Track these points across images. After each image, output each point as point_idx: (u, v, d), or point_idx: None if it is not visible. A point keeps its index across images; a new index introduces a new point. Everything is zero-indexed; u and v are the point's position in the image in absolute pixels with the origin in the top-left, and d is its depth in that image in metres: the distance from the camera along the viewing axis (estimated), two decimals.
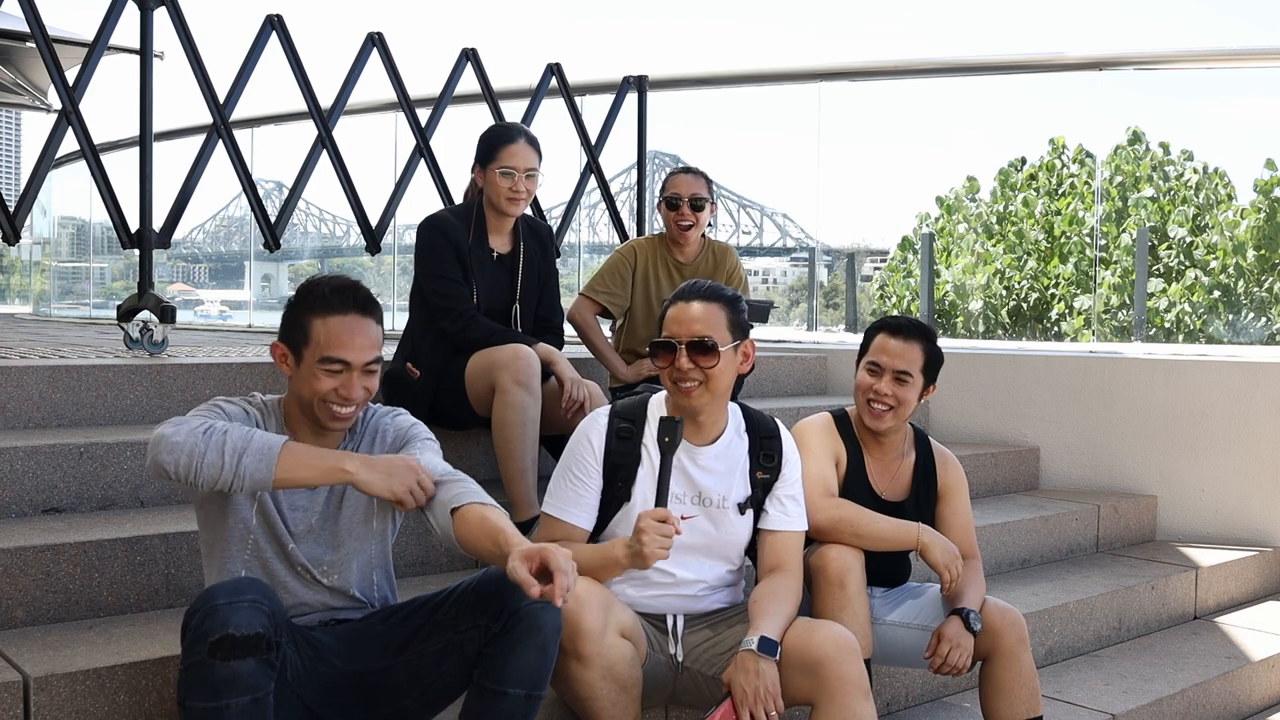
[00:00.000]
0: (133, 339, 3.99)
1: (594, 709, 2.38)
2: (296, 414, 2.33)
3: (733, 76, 6.55)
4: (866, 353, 2.96)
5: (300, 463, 2.14)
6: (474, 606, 2.21)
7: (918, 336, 2.92)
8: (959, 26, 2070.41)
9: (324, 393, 2.25)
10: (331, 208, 10.19)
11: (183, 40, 4.14)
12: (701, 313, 2.58)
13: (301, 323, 2.27)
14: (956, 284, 17.51)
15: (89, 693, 2.29)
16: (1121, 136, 17.91)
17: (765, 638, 2.43)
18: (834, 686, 2.40)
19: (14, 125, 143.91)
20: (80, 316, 10.89)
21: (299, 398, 2.30)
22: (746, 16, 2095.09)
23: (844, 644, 2.45)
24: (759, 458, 2.68)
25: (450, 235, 3.44)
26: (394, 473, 2.20)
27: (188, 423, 2.13)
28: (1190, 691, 3.58)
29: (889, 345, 2.91)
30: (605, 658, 2.35)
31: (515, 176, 3.42)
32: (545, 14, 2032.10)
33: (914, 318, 3.03)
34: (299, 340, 2.27)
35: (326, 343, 2.24)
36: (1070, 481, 5.05)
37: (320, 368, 2.24)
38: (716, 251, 4.08)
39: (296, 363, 2.28)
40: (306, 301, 2.28)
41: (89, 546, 2.67)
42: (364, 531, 2.36)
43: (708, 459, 2.64)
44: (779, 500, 2.68)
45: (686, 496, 2.62)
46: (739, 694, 2.39)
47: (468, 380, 3.34)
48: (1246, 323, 15.89)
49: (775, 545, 2.65)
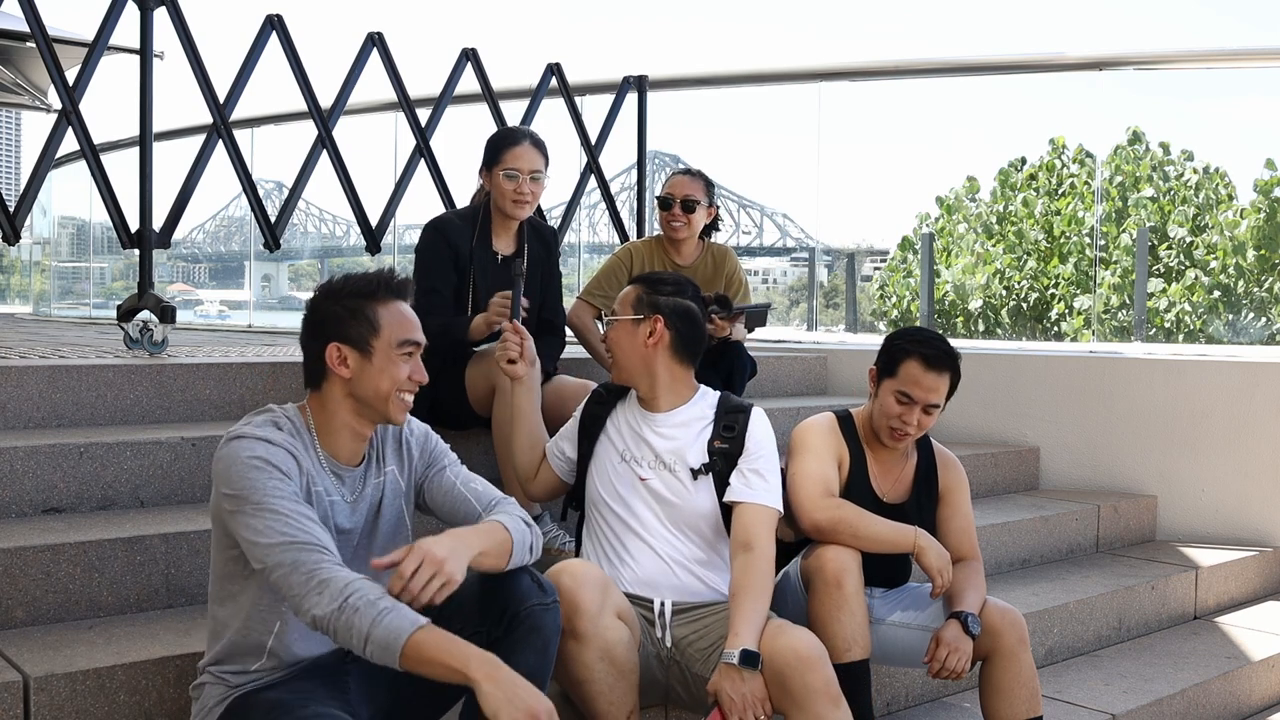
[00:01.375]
0: (133, 339, 3.99)
1: (591, 692, 2.39)
2: (334, 426, 2.22)
3: (733, 76, 6.55)
4: (894, 377, 2.86)
5: (424, 658, 1.96)
6: (474, 612, 2.20)
7: (949, 368, 2.85)
8: (959, 26, 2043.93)
9: (401, 380, 2.18)
10: (331, 208, 10.20)
11: (183, 40, 4.14)
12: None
13: (365, 315, 2.18)
14: (956, 284, 17.52)
15: (89, 693, 2.29)
16: (1121, 136, 17.92)
17: (746, 651, 2.44)
18: (800, 696, 2.41)
19: (14, 125, 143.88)
20: (80, 316, 10.89)
21: (357, 400, 2.19)
22: (746, 16, 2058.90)
23: (805, 652, 2.45)
24: (720, 428, 2.76)
25: (451, 238, 3.45)
26: (516, 702, 1.95)
27: (310, 580, 1.98)
28: (1190, 691, 3.58)
29: (924, 380, 2.83)
30: (603, 638, 2.37)
31: (519, 179, 3.42)
32: (545, 14, 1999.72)
33: (943, 341, 2.89)
34: (364, 332, 2.17)
35: (400, 326, 2.19)
36: (1070, 481, 5.05)
37: (398, 353, 2.18)
38: (715, 254, 4.07)
39: (364, 357, 2.17)
40: (365, 292, 2.19)
41: (89, 546, 2.67)
42: (393, 547, 2.31)
43: (665, 426, 2.77)
44: (742, 473, 2.72)
45: (642, 460, 2.75)
46: (726, 702, 2.42)
47: (468, 381, 3.35)
48: (1246, 323, 15.90)
49: (742, 519, 2.67)
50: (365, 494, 2.27)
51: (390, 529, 2.31)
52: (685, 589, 2.70)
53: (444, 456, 2.40)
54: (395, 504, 2.32)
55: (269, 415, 2.20)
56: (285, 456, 2.12)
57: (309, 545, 2.01)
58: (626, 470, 2.74)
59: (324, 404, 2.22)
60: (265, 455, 2.08)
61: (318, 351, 2.20)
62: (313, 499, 2.15)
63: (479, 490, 2.37)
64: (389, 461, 2.33)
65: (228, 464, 2.09)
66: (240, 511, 2.05)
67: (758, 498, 2.69)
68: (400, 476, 2.34)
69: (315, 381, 2.23)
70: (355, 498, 2.26)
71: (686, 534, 2.73)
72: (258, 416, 2.19)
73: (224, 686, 2.15)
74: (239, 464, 2.07)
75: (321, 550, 2.02)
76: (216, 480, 2.12)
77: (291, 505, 2.05)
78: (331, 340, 2.18)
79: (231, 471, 2.08)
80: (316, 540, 2.03)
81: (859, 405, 3.08)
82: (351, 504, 2.25)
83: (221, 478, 2.10)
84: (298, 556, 2.00)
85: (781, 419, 4.06)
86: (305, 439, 2.20)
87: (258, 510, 2.03)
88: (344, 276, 2.24)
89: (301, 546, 2.01)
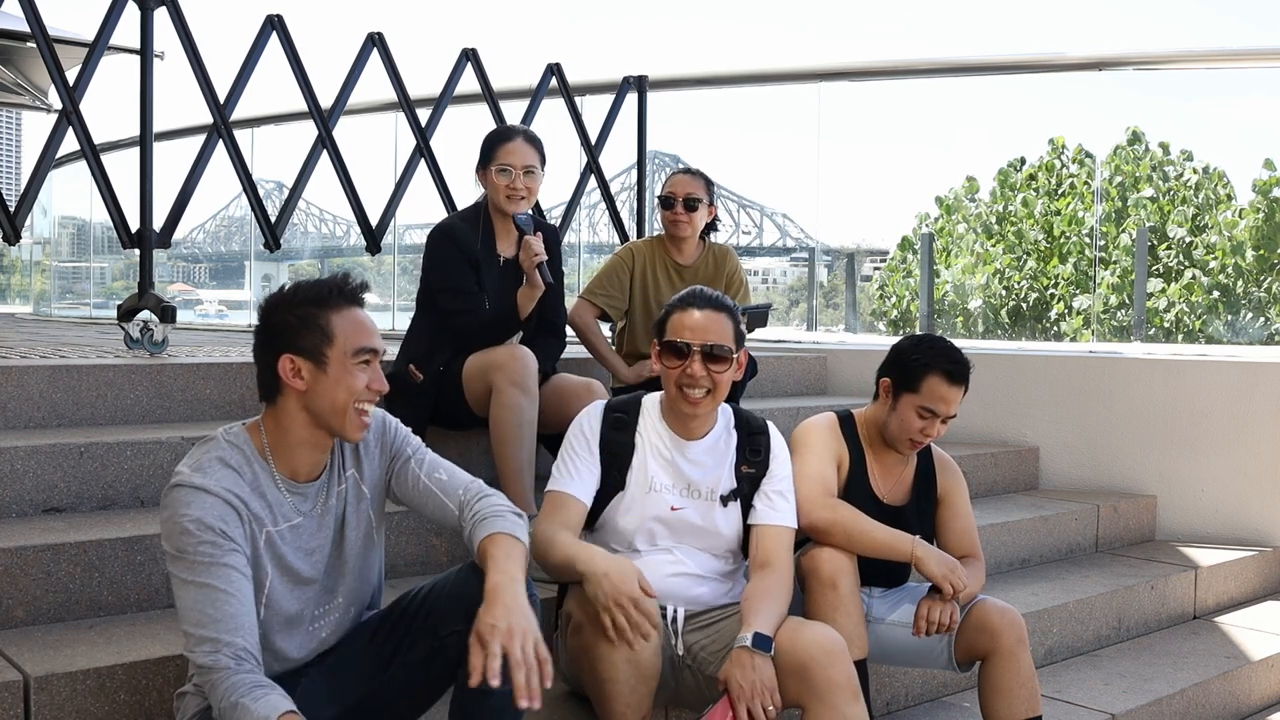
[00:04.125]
0: (133, 339, 3.99)
1: (612, 691, 2.38)
2: (289, 442, 2.14)
3: (733, 76, 6.55)
4: (915, 393, 2.85)
5: None
6: (452, 611, 2.16)
7: (967, 379, 2.88)
8: (959, 26, 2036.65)
9: (358, 390, 2.10)
10: (331, 208, 10.19)
11: (183, 40, 4.14)
12: (713, 321, 2.65)
13: (318, 324, 2.09)
14: (956, 284, 17.51)
15: (89, 692, 2.29)
16: (1121, 136, 17.91)
17: (759, 634, 2.44)
18: (822, 689, 2.41)
19: (14, 125, 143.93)
20: (80, 316, 10.89)
21: (311, 414, 2.12)
22: (746, 16, 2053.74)
23: (830, 646, 2.45)
24: (745, 452, 2.73)
25: (460, 242, 3.45)
26: None
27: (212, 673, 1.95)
28: (1190, 691, 3.59)
29: (948, 395, 2.84)
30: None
31: (513, 174, 3.42)
32: (545, 14, 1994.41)
33: (958, 351, 2.90)
34: (318, 342, 2.09)
35: (356, 334, 2.10)
36: (1070, 481, 5.06)
37: (353, 362, 2.09)
38: (716, 254, 4.07)
39: (318, 368, 2.09)
40: (317, 300, 2.11)
41: (89, 546, 2.67)
42: (364, 565, 2.29)
43: (696, 453, 2.71)
44: (766, 495, 2.71)
45: (676, 488, 2.69)
46: (735, 689, 2.40)
47: (465, 381, 3.35)
48: (1245, 323, 15.90)
49: (763, 540, 2.67)
50: (330, 505, 2.21)
51: (360, 536, 2.26)
52: (699, 600, 2.70)
53: (405, 446, 2.29)
54: (360, 511, 2.26)
55: (216, 452, 2.09)
56: (223, 509, 2.02)
57: (217, 643, 1.95)
58: (657, 500, 2.68)
59: (278, 419, 2.14)
60: (198, 514, 2.00)
61: (270, 364, 2.11)
62: (260, 542, 2.09)
63: (444, 481, 2.26)
64: (348, 466, 2.25)
65: (165, 517, 2.04)
66: (171, 573, 2.02)
67: (780, 519, 2.70)
68: (362, 481, 2.26)
69: (269, 395, 2.15)
70: (320, 511, 2.20)
71: (707, 555, 2.72)
72: (205, 453, 2.09)
73: (201, 698, 2.09)
74: (172, 523, 2.02)
75: (225, 646, 1.95)
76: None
77: (216, 574, 1.98)
78: (284, 352, 2.10)
79: (166, 528, 2.03)
80: (222, 635, 1.96)
81: (859, 405, 3.09)
82: (318, 518, 2.19)
83: (161, 526, 2.05)
84: (204, 650, 1.96)
85: (781, 419, 4.06)
86: (257, 466, 2.12)
87: (181, 584, 2.00)
88: (294, 284, 2.15)
89: (211, 643, 1.96)
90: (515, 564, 2.09)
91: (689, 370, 2.61)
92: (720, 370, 2.63)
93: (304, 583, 2.18)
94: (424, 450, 2.32)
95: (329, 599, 2.24)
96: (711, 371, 2.62)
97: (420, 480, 2.27)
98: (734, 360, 2.67)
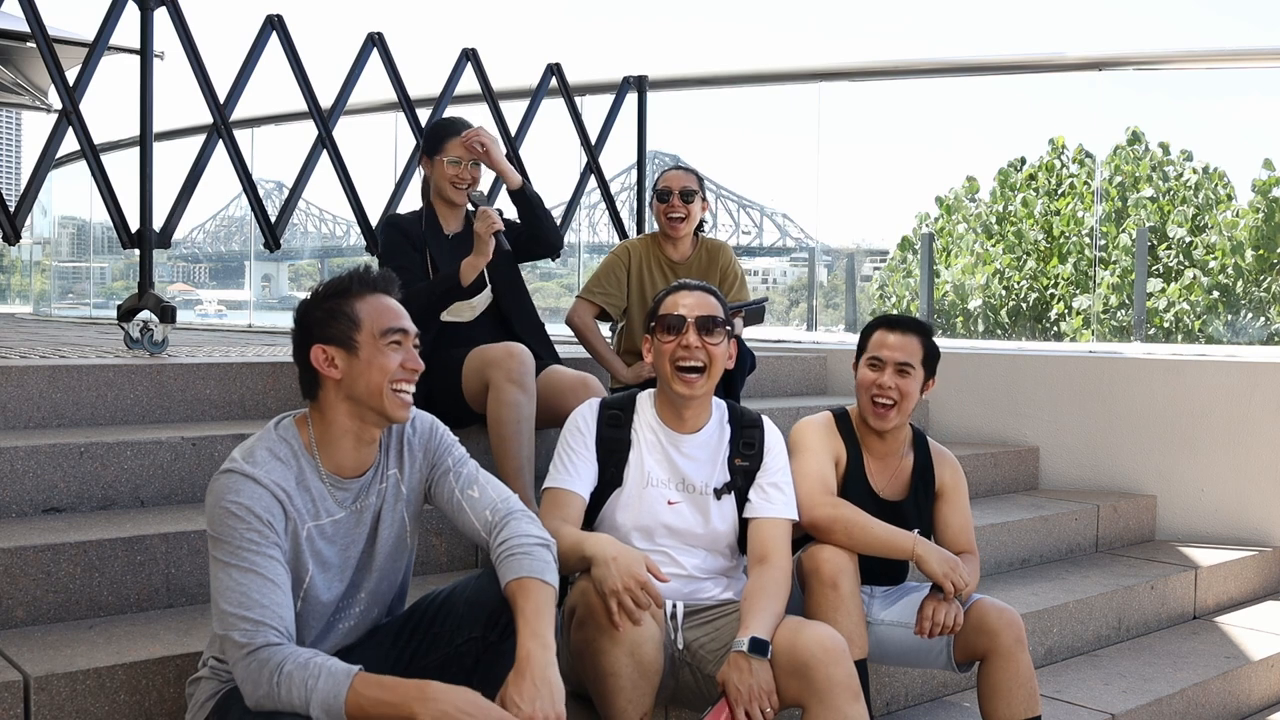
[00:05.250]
0: (133, 339, 4.00)
1: (613, 686, 2.37)
2: (334, 434, 2.18)
3: (733, 76, 6.55)
4: (865, 350, 2.98)
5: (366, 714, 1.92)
6: (468, 618, 2.19)
7: (915, 330, 2.96)
8: (959, 26, 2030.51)
9: (393, 370, 2.14)
10: (331, 208, 10.19)
11: (183, 40, 4.14)
12: (703, 299, 2.74)
13: (343, 312, 2.15)
14: (956, 284, 17.51)
15: (89, 692, 2.29)
16: (1121, 136, 17.92)
17: (756, 638, 2.44)
18: (823, 688, 2.41)
19: (14, 125, 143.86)
20: (80, 316, 10.89)
21: (352, 401, 2.15)
22: (746, 16, 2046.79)
23: (831, 645, 2.45)
24: (739, 445, 2.75)
25: (403, 228, 3.62)
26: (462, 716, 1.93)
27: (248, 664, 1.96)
28: (1190, 691, 3.59)
29: (888, 340, 2.93)
30: (634, 633, 2.35)
31: (463, 164, 3.59)
32: (545, 14, 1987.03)
33: (908, 314, 3.03)
34: (346, 329, 2.14)
35: (382, 316, 2.16)
36: (1070, 481, 5.06)
37: (384, 343, 2.14)
38: (710, 248, 4.07)
39: (350, 354, 2.14)
40: (340, 292, 2.17)
41: (89, 546, 2.67)
42: (391, 568, 2.30)
43: (691, 447, 2.73)
44: (761, 488, 2.72)
45: (670, 482, 2.71)
46: (733, 693, 2.41)
47: (463, 378, 3.36)
48: (1245, 322, 15.89)
49: (760, 533, 2.68)
50: (369, 502, 2.24)
51: (392, 536, 2.28)
52: (697, 597, 2.71)
53: (447, 456, 2.32)
54: (396, 511, 2.28)
55: (267, 443, 2.15)
56: (269, 502, 2.06)
57: (260, 624, 1.97)
58: (654, 495, 2.70)
59: (322, 412, 2.19)
60: (247, 502, 2.04)
61: (305, 359, 2.18)
62: (301, 538, 2.12)
63: (475, 499, 2.28)
64: (392, 465, 2.29)
65: (212, 500, 2.07)
66: (213, 556, 2.04)
67: (776, 511, 2.71)
68: (402, 482, 2.29)
69: (310, 391, 2.20)
70: (360, 507, 2.23)
71: (705, 550, 2.72)
72: (257, 442, 2.15)
73: (217, 681, 2.14)
74: (219, 507, 2.05)
75: (269, 628, 1.97)
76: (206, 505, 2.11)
77: (259, 562, 2.01)
78: (315, 343, 2.16)
79: (213, 511, 2.06)
80: (267, 619, 1.98)
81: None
82: (357, 514, 2.22)
83: (206, 510, 2.08)
84: (244, 628, 1.97)
85: (781, 419, 4.06)
86: (304, 460, 2.16)
87: (224, 566, 2.01)
88: (322, 283, 2.23)
89: (252, 623, 1.97)
90: (545, 623, 2.09)
91: (684, 342, 2.66)
92: (715, 343, 2.67)
93: (337, 577, 2.21)
94: (465, 463, 2.33)
95: (353, 594, 2.26)
96: (706, 343, 2.66)
97: (454, 495, 2.29)
98: (727, 335, 2.71)
